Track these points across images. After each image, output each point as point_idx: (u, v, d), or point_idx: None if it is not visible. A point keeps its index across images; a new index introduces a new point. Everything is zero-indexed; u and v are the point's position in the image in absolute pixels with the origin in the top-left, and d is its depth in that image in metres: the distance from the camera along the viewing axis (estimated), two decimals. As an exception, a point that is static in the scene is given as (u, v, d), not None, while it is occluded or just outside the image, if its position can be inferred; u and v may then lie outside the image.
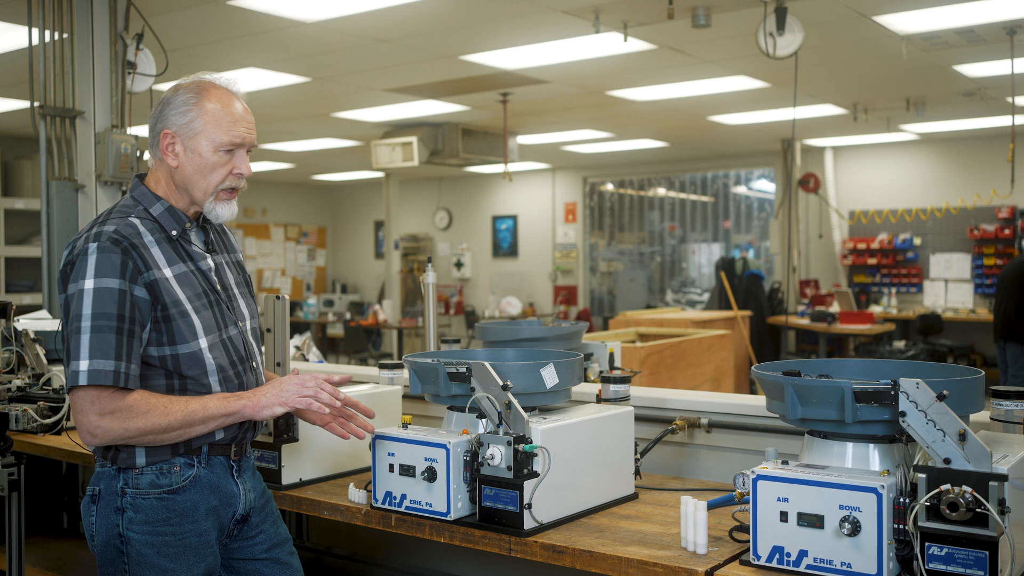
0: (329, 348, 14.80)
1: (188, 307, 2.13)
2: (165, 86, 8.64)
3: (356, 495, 2.58)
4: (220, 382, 2.18)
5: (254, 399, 2.14)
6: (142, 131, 4.92)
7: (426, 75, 8.14)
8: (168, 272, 2.12)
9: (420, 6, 6.04)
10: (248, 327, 2.31)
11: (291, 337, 3.48)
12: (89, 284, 2.02)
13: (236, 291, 2.32)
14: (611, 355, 3.49)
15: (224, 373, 2.19)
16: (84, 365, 1.99)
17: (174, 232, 2.18)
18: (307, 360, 5.11)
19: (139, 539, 2.10)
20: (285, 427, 2.72)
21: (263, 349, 2.45)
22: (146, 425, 2.03)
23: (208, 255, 2.26)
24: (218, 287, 2.24)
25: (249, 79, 8.09)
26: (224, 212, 2.22)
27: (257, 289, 16.79)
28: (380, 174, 13.97)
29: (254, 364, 2.31)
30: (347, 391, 2.82)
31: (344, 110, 9.78)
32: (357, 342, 13.21)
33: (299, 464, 2.80)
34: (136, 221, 2.14)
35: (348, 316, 14.45)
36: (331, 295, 15.86)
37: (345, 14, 6.15)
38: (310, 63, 7.64)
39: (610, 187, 15.88)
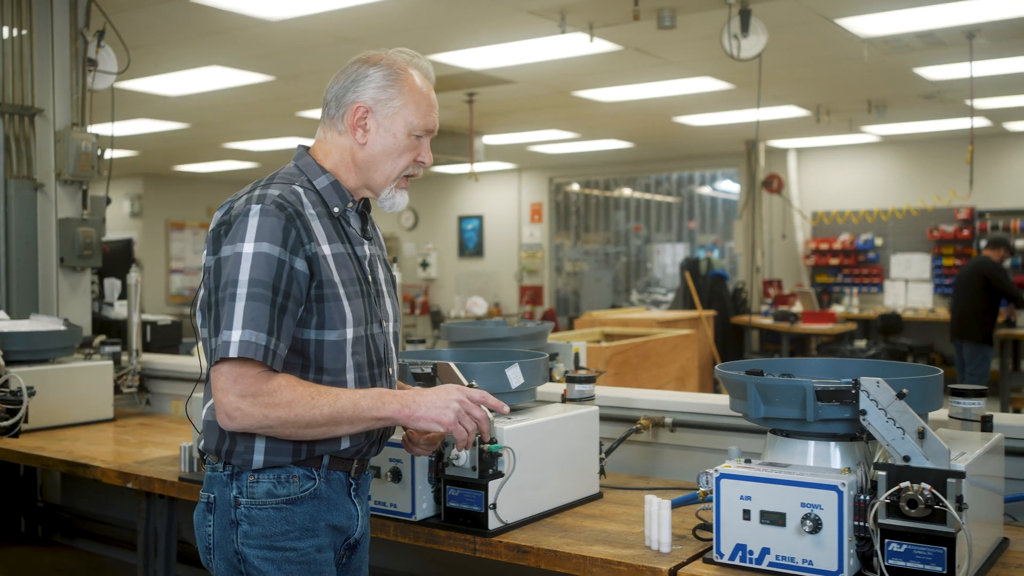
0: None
1: (341, 291, 1.92)
2: (128, 83, 8.51)
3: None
4: (355, 381, 1.96)
5: (411, 407, 1.89)
6: (103, 129, 4.87)
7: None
8: (327, 249, 1.92)
9: (386, 5, 6.02)
10: (391, 329, 2.11)
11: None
12: (249, 248, 1.82)
13: (384, 287, 2.11)
14: (576, 355, 3.50)
15: (360, 373, 1.97)
16: (236, 335, 1.78)
17: (336, 209, 1.99)
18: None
19: (257, 555, 1.88)
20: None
21: (399, 357, 2.23)
22: (289, 416, 1.81)
23: (365, 242, 2.06)
24: (369, 277, 2.04)
25: (212, 77, 8.01)
26: (401, 201, 2.07)
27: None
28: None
29: (390, 370, 2.10)
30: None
31: (309, 109, 9.72)
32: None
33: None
34: (300, 190, 1.95)
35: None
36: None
37: (310, 13, 6.11)
38: (275, 62, 7.59)
39: (576, 187, 15.92)
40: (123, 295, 5.01)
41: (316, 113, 9.82)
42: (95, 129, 4.79)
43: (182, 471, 2.98)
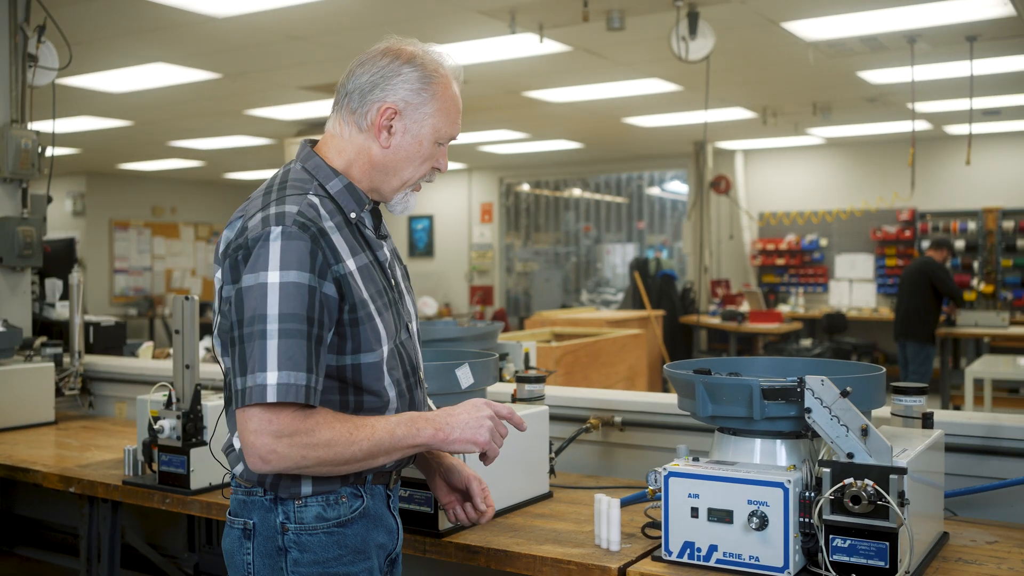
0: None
1: (372, 308, 1.78)
2: (70, 80, 8.34)
3: (268, 499, 2.53)
4: (396, 396, 1.85)
5: (444, 430, 1.79)
6: (44, 126, 4.76)
7: (340, 73, 8.02)
8: (351, 264, 1.77)
9: (334, 3, 5.98)
10: (414, 329, 1.97)
11: (201, 339, 3.40)
12: (275, 278, 1.66)
13: (403, 286, 1.97)
14: (526, 355, 3.51)
15: (399, 387, 1.85)
16: (272, 378, 1.63)
17: (353, 214, 1.83)
18: (218, 362, 5.00)
19: None
20: (194, 430, 2.66)
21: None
22: (327, 456, 1.68)
23: (383, 243, 1.92)
24: (392, 282, 1.90)
25: (157, 74, 7.89)
26: (413, 204, 1.95)
27: (165, 290, 16.41)
28: (294, 173, 13.74)
29: (421, 374, 1.98)
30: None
31: (256, 108, 9.62)
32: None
33: (208, 468, 2.74)
34: (316, 200, 1.78)
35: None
36: (243, 295, 15.54)
37: (257, 10, 6.04)
38: (221, 59, 7.49)
39: (526, 187, 15.95)
40: (65, 295, 4.91)
41: (263, 111, 9.78)
42: (36, 126, 4.68)
43: (126, 474, 2.93)
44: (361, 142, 1.86)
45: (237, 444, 1.81)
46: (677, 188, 15.30)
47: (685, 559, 1.97)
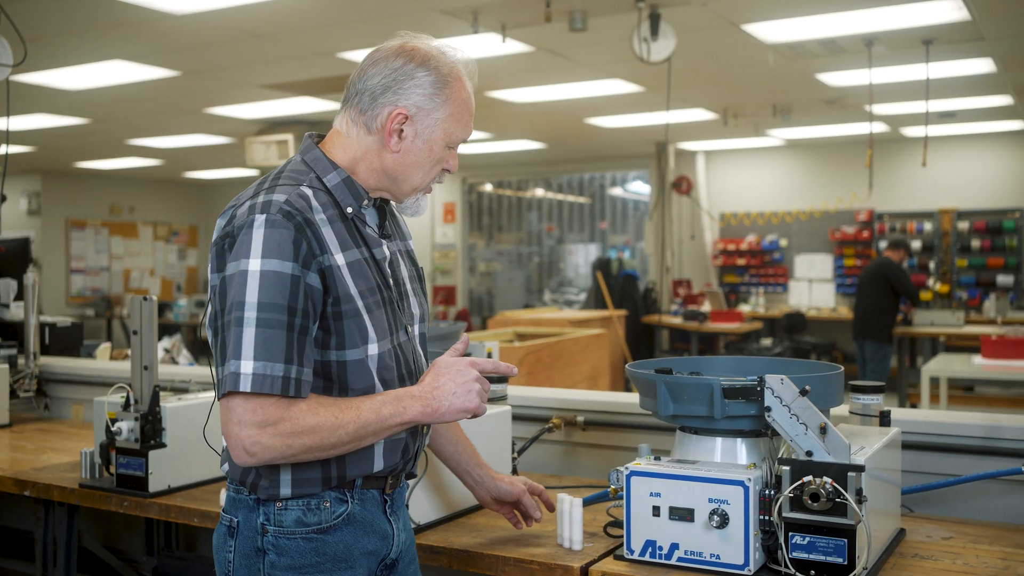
0: (201, 350, 14.36)
1: (360, 304, 1.74)
2: (24, 76, 8.20)
3: (228, 501, 2.50)
4: None
5: (432, 404, 1.74)
6: (-2, 124, 4.68)
7: (302, 72, 8.00)
8: (340, 259, 1.73)
9: (295, 2, 5.93)
10: (417, 332, 1.93)
11: (160, 339, 3.37)
12: (255, 265, 1.64)
13: (408, 286, 1.92)
14: (489, 355, 3.50)
15: (389, 388, 1.80)
16: (248, 367, 1.61)
17: (349, 209, 1.79)
18: (177, 363, 4.95)
19: None
20: (152, 432, 2.63)
21: (427, 361, 2.00)
22: (313, 442, 1.65)
23: (384, 241, 1.87)
24: (391, 281, 1.85)
25: (115, 72, 7.78)
26: (424, 205, 1.92)
27: (123, 290, 16.19)
28: (255, 172, 13.65)
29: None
30: (202, 397, 2.67)
31: (217, 106, 9.52)
32: (231, 344, 12.85)
33: (167, 471, 2.71)
34: (308, 192, 1.75)
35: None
36: (203, 296, 15.40)
37: (217, 7, 5.98)
38: (181, 57, 7.41)
39: (489, 187, 15.95)
40: (20, 296, 4.83)
41: (223, 110, 9.69)
42: (-11, 123, 4.60)
43: (83, 477, 2.89)
44: (369, 144, 1.82)
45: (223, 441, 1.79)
46: (639, 188, 15.38)
47: (647, 557, 1.98)
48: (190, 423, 2.79)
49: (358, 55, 7.32)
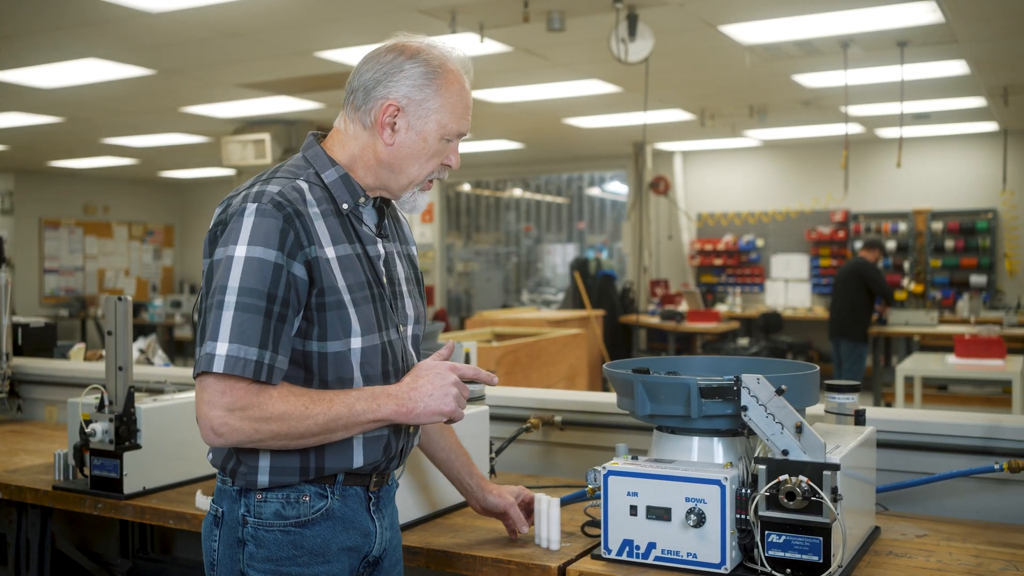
0: (176, 351, 14.28)
1: (346, 297, 1.76)
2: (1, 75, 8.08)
3: (203, 502, 2.49)
4: None
5: (407, 404, 1.76)
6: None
7: (279, 71, 7.96)
8: (331, 252, 1.76)
9: (273, 0, 5.90)
10: (410, 332, 1.94)
11: (135, 340, 3.34)
12: (241, 251, 1.67)
13: (404, 287, 1.93)
14: (467, 355, 3.50)
15: (370, 384, 1.81)
16: (222, 348, 1.64)
17: (345, 205, 1.82)
18: (152, 364, 4.91)
19: None
20: (127, 433, 2.61)
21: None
22: (281, 429, 1.67)
23: (379, 240, 1.89)
24: (384, 279, 1.86)
25: (89, 70, 7.71)
26: (423, 202, 1.93)
27: (98, 290, 16.05)
28: (231, 172, 13.56)
29: None
30: (178, 398, 2.66)
31: (193, 105, 9.46)
32: (207, 344, 12.75)
33: (142, 472, 2.69)
34: (304, 185, 1.78)
35: (196, 318, 13.96)
36: (179, 296, 15.29)
37: (192, 6, 5.94)
38: (156, 55, 7.35)
39: (467, 188, 15.94)
40: (-8, 296, 4.77)
41: (199, 109, 9.63)
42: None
43: (56, 479, 2.86)
44: (366, 139, 1.85)
45: None
46: (617, 189, 15.43)
47: (624, 557, 1.98)
48: (165, 424, 2.77)
49: (335, 54, 7.30)
